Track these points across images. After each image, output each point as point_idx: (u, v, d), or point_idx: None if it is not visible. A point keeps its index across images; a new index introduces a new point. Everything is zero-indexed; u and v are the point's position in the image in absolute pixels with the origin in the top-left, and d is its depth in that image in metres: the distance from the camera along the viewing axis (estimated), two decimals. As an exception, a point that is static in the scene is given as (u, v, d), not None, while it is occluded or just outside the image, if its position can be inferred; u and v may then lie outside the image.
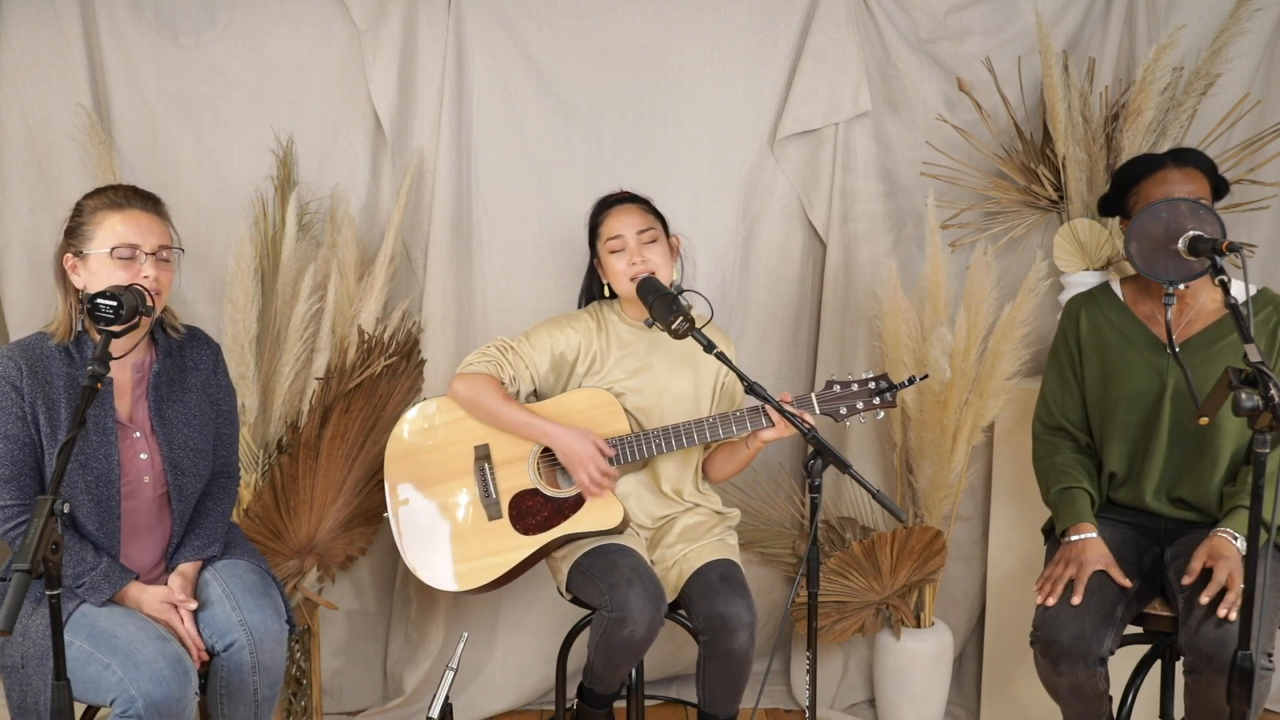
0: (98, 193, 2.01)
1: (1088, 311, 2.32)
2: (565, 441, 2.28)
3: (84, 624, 1.90)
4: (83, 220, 1.98)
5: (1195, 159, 2.21)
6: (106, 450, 1.97)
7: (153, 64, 2.78)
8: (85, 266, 1.97)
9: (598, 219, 2.43)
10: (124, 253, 1.95)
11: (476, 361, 2.37)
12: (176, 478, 2.06)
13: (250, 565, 2.14)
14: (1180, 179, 2.16)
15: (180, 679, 1.85)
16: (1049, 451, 2.36)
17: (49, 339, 1.98)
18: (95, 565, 1.94)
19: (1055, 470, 2.31)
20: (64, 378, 1.95)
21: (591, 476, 2.26)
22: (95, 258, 1.95)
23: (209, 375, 2.16)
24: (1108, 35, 2.91)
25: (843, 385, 2.29)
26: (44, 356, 1.96)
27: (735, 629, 2.19)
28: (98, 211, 1.97)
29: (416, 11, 2.82)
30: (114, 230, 1.95)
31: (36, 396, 1.92)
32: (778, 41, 2.92)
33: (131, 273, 1.95)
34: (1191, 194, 2.13)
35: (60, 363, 1.96)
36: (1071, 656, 2.05)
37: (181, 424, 2.08)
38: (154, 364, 2.07)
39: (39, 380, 1.93)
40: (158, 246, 1.99)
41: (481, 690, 3.01)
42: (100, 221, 1.96)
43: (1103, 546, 2.16)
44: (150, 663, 1.84)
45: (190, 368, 2.13)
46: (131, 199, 2.00)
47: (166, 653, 1.88)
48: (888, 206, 3.00)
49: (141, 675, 1.82)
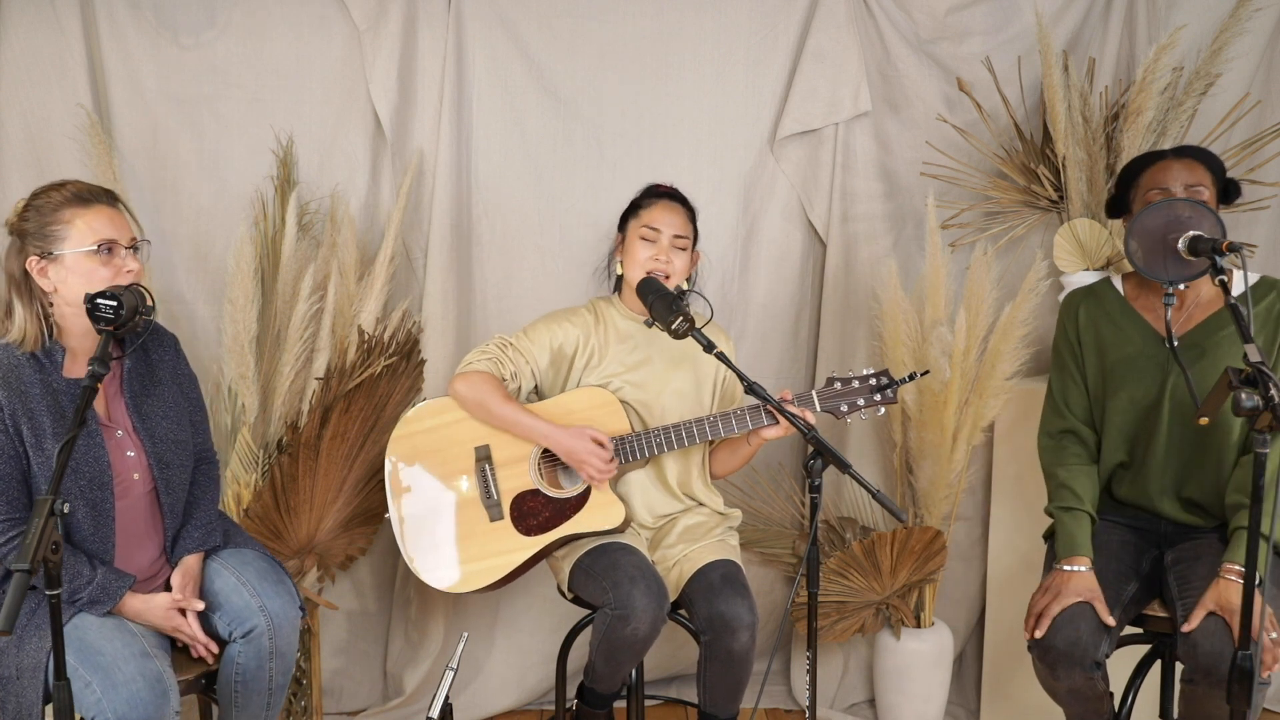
0: (52, 189, 1.94)
1: (1086, 306, 2.31)
2: (563, 443, 2.28)
3: (74, 637, 1.87)
4: (45, 220, 1.91)
5: (1197, 152, 2.20)
6: (95, 452, 1.94)
7: (153, 64, 2.78)
8: (59, 267, 1.91)
9: (643, 201, 2.42)
10: (107, 248, 1.92)
11: (476, 360, 2.37)
12: (163, 471, 2.04)
13: (258, 553, 2.15)
14: (1180, 168, 2.15)
15: (158, 699, 1.84)
16: (1055, 458, 2.32)
17: (15, 350, 1.93)
18: (91, 579, 1.92)
19: (1058, 484, 2.28)
20: (39, 385, 1.91)
21: (597, 469, 2.27)
22: (73, 257, 1.90)
23: (174, 365, 2.14)
24: (1108, 35, 2.91)
25: (843, 382, 2.29)
26: (15, 366, 1.91)
27: (736, 629, 2.19)
28: (62, 209, 1.91)
29: (416, 11, 2.82)
30: (90, 227, 1.91)
31: (16, 407, 1.88)
32: (778, 41, 2.92)
33: (114, 269, 1.92)
34: (1190, 182, 2.12)
35: (32, 370, 1.92)
36: (1068, 661, 2.05)
37: (160, 417, 2.06)
38: (125, 361, 2.05)
39: (14, 391, 1.89)
40: (131, 239, 1.97)
41: (481, 690, 3.01)
42: (69, 220, 1.90)
43: (1091, 579, 2.12)
44: (129, 683, 1.82)
45: (157, 361, 2.11)
46: (95, 194, 1.95)
47: (146, 672, 1.86)
48: (888, 206, 3.00)
49: (119, 696, 1.81)
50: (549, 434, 2.30)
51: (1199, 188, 2.13)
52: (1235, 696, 1.77)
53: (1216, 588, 2.02)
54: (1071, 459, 2.29)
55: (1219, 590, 2.01)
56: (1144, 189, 2.19)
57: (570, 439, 2.28)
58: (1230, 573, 2.01)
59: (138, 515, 2.04)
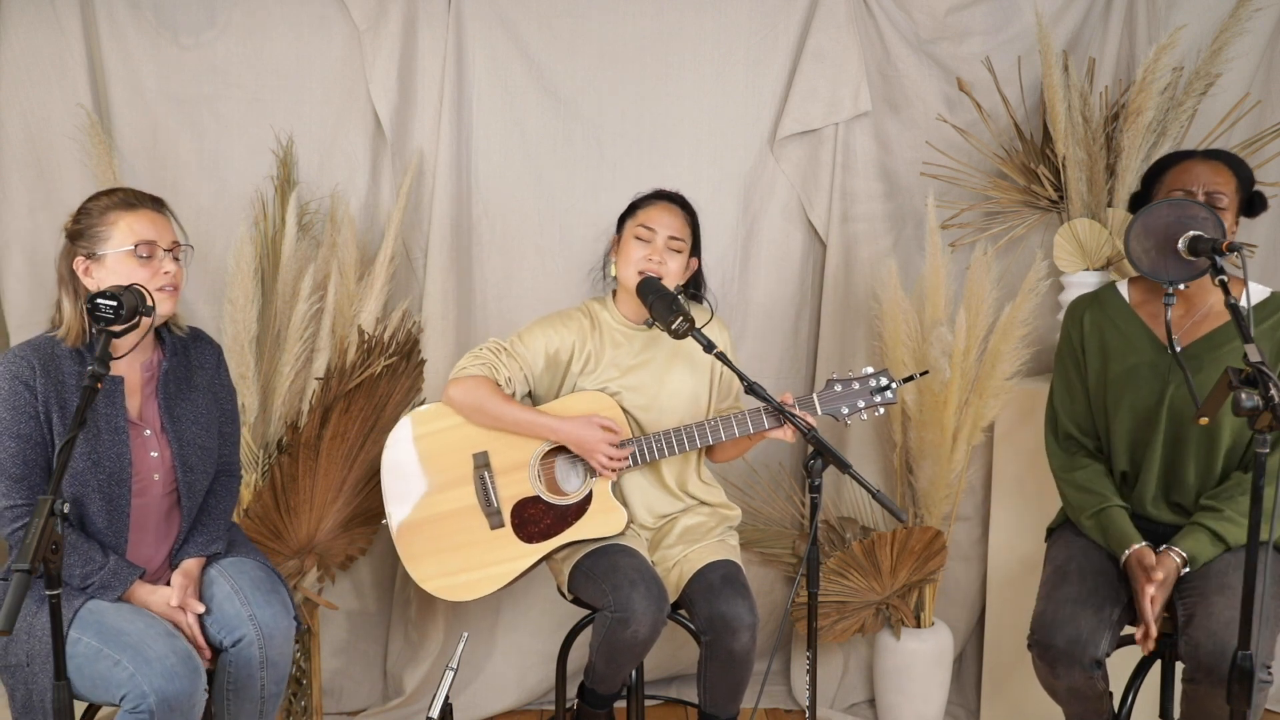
0: (104, 194, 2.02)
1: (1091, 313, 2.31)
2: (573, 432, 2.28)
3: (91, 621, 1.90)
4: (92, 222, 1.97)
5: (1226, 158, 2.19)
6: (118, 449, 1.97)
7: (153, 64, 2.78)
8: (101, 267, 1.97)
9: (641, 203, 2.42)
10: (145, 250, 1.96)
11: (470, 365, 2.36)
12: (186, 475, 2.07)
13: (257, 563, 2.15)
14: (1205, 169, 2.14)
15: (191, 675, 1.86)
16: (1066, 466, 2.32)
17: (59, 343, 1.98)
18: (103, 564, 1.95)
19: (1077, 489, 2.28)
20: (76, 377, 1.96)
21: (609, 456, 2.27)
22: (114, 257, 1.95)
23: (213, 374, 2.17)
24: (1108, 35, 2.91)
25: (843, 383, 2.29)
26: (56, 357, 1.96)
27: (737, 629, 2.19)
28: (109, 212, 1.97)
29: (416, 11, 2.82)
30: (131, 229, 1.96)
31: (50, 395, 1.92)
32: (778, 41, 2.92)
33: (151, 270, 1.97)
34: (1212, 186, 2.12)
35: (73, 363, 1.97)
36: (1068, 660, 2.05)
37: (190, 422, 2.09)
38: (163, 362, 2.08)
39: (52, 379, 1.93)
40: (172, 243, 2.01)
41: (481, 690, 3.01)
42: (114, 222, 1.96)
43: (1143, 552, 2.14)
44: (162, 659, 1.84)
45: (196, 366, 2.14)
46: (141, 199, 2.01)
47: (177, 649, 1.88)
48: (888, 206, 3.00)
49: (154, 671, 1.82)
50: (556, 426, 2.29)
51: (1220, 194, 2.12)
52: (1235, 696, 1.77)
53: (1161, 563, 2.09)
54: (1082, 463, 2.30)
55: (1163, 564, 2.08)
56: (1166, 188, 2.18)
57: (579, 428, 2.27)
58: (1173, 552, 2.10)
59: (153, 514, 2.06)
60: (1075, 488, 2.29)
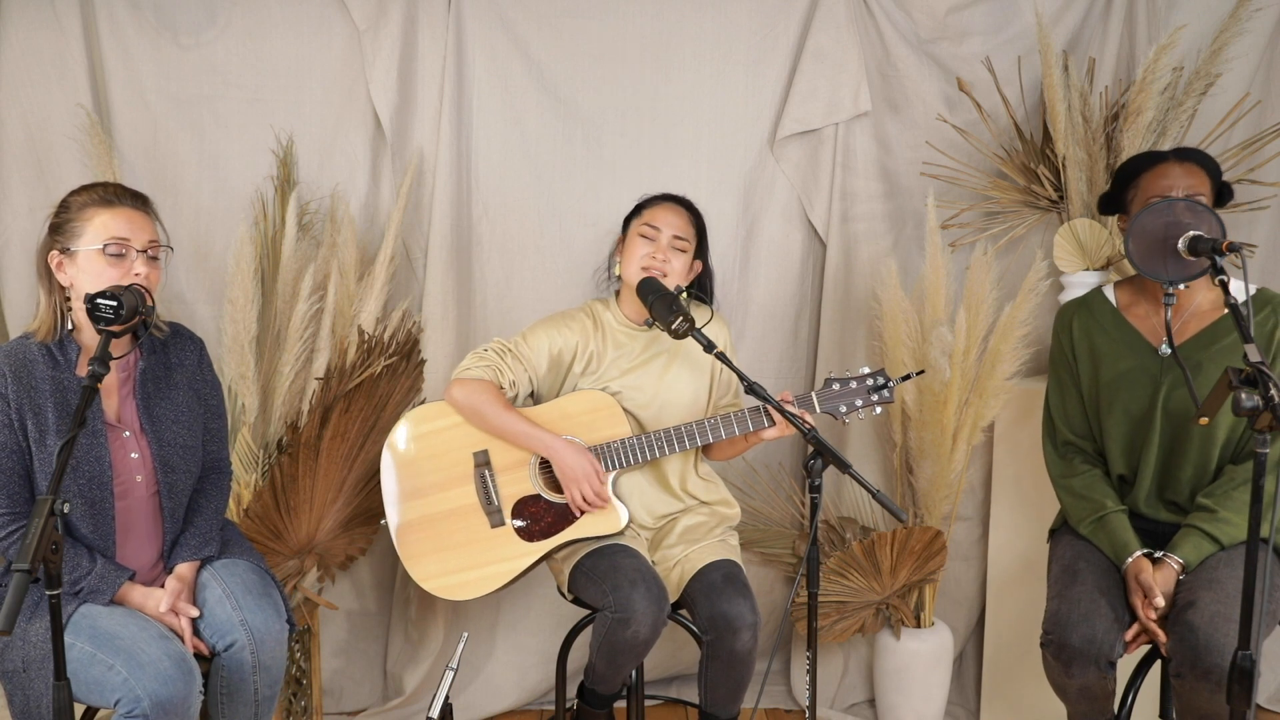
0: (85, 189, 1.98)
1: (1080, 318, 2.31)
2: (564, 457, 2.27)
3: (85, 625, 1.89)
4: (70, 216, 1.94)
5: (1198, 156, 2.19)
6: (97, 452, 1.95)
7: (153, 64, 2.78)
8: (73, 263, 1.94)
9: (647, 203, 2.42)
10: (115, 249, 1.92)
11: (474, 366, 2.35)
12: (167, 475, 2.04)
13: (250, 565, 2.13)
14: (1181, 173, 2.14)
15: (186, 678, 1.85)
16: (1063, 473, 2.33)
17: (31, 339, 1.96)
18: (90, 569, 1.93)
19: (1075, 496, 2.28)
20: (49, 380, 1.93)
21: (585, 495, 2.26)
22: (85, 254, 1.92)
23: (194, 371, 2.14)
24: (1108, 35, 2.91)
25: (842, 383, 2.29)
26: (28, 361, 1.93)
27: (738, 629, 2.19)
28: (86, 208, 1.94)
29: (416, 11, 2.82)
30: (105, 226, 1.93)
31: (23, 402, 1.90)
32: (778, 41, 2.92)
33: (122, 269, 1.93)
34: (1190, 189, 2.12)
35: (45, 365, 1.94)
36: (1083, 659, 2.04)
37: (170, 421, 2.06)
38: (139, 362, 2.05)
39: (24, 385, 1.91)
40: (148, 243, 1.97)
41: (481, 690, 3.01)
42: (90, 218, 1.93)
43: (1139, 563, 2.14)
44: (155, 662, 1.83)
45: (175, 364, 2.11)
46: (122, 196, 1.97)
47: (171, 652, 1.87)
48: (888, 206, 3.00)
49: (147, 675, 1.81)
50: (550, 444, 2.28)
51: (1198, 195, 2.12)
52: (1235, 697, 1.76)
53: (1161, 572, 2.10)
54: (1079, 469, 2.30)
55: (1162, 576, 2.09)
56: (1144, 192, 2.18)
57: (573, 455, 2.27)
58: (1171, 560, 2.10)
59: (139, 516, 2.04)
60: (1073, 495, 2.29)
